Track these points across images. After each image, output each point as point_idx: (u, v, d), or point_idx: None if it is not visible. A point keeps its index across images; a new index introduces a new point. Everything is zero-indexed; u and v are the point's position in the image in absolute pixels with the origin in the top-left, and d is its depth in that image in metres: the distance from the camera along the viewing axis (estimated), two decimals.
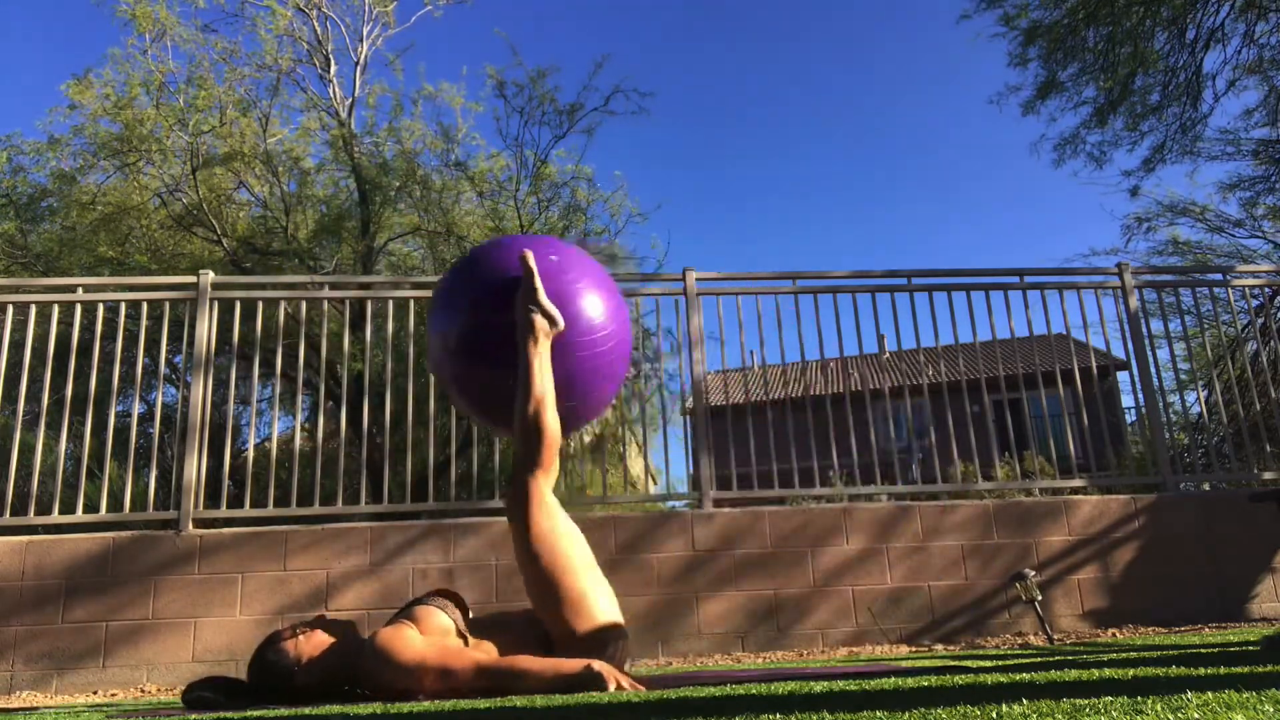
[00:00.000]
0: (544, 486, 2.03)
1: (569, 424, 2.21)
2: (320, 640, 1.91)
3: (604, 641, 1.87)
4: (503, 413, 2.14)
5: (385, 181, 11.59)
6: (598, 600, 1.93)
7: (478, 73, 13.30)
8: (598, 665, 1.68)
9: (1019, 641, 3.54)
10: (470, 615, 1.96)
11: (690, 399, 4.31)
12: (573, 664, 1.70)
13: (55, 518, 3.70)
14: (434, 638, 1.81)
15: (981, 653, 3.06)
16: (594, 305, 2.17)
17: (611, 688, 1.64)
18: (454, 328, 2.14)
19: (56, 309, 3.99)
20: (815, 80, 56.19)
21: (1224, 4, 8.86)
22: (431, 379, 4.15)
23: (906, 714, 1.00)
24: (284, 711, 1.62)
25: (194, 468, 3.73)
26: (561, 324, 2.08)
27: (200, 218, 10.94)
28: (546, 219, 11.66)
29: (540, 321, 2.06)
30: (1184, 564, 3.89)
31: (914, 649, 3.57)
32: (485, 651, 1.87)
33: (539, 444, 2.02)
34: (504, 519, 3.78)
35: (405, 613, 1.90)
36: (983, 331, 4.41)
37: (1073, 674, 1.42)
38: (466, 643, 1.86)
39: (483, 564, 3.62)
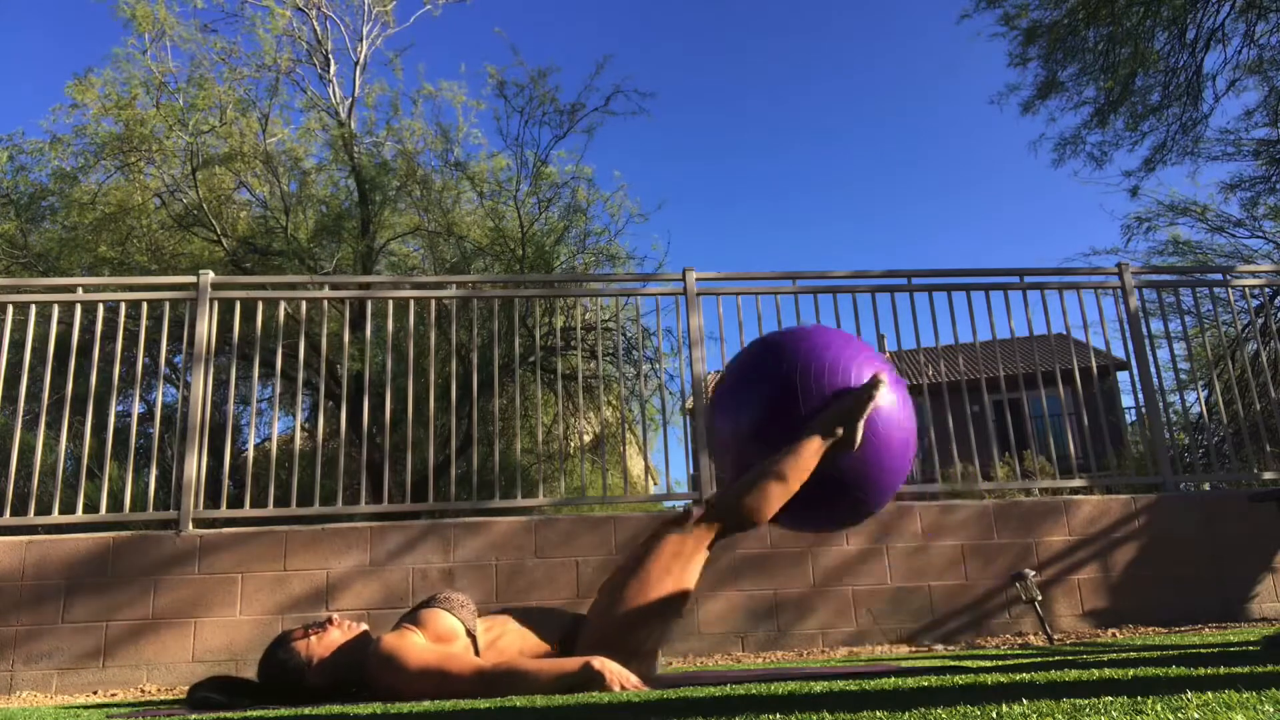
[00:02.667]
0: (704, 535, 1.96)
1: (849, 516, 2.15)
2: (331, 641, 1.91)
3: (634, 652, 1.84)
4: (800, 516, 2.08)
5: (385, 181, 11.60)
6: (654, 632, 1.92)
7: (478, 72, 13.34)
8: (597, 664, 1.67)
9: (1019, 641, 3.54)
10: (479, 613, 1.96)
11: (690, 399, 4.31)
12: (572, 663, 1.69)
13: (55, 518, 3.70)
14: (436, 644, 1.81)
15: (981, 653, 3.05)
16: (901, 449, 2.10)
17: (615, 688, 1.64)
18: (755, 411, 2.05)
19: (56, 309, 3.99)
20: (816, 80, 56.20)
21: (1224, 4, 8.86)
22: (431, 379, 4.15)
23: (906, 714, 1.00)
24: (285, 711, 1.62)
25: (194, 467, 3.73)
26: (856, 448, 1.99)
27: (200, 218, 10.94)
28: (547, 219, 11.66)
29: (843, 435, 1.97)
30: (1184, 564, 3.89)
31: (914, 649, 3.57)
32: (497, 649, 1.87)
33: (748, 504, 1.95)
34: (504, 519, 3.79)
35: (411, 616, 1.90)
36: (983, 331, 4.42)
37: (1073, 674, 1.42)
38: (476, 642, 1.86)
39: (483, 564, 3.62)
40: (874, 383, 2.02)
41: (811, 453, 1.95)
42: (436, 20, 14.85)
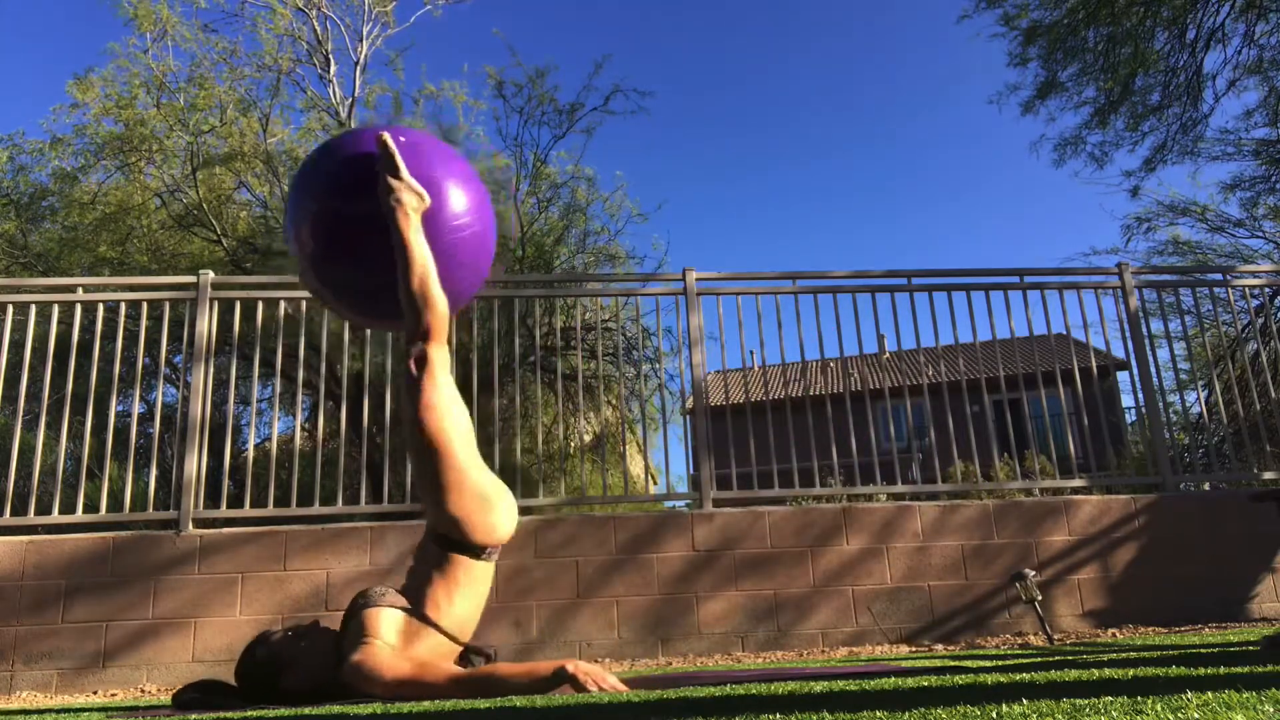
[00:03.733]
0: (435, 356, 2.03)
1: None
2: (310, 645, 1.90)
3: (484, 513, 1.97)
4: (380, 311, 2.12)
5: None
6: (478, 472, 2.02)
7: (478, 72, 13.29)
8: (571, 666, 1.67)
9: (1019, 641, 3.54)
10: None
11: (690, 399, 4.31)
12: (546, 666, 1.69)
13: (55, 518, 3.70)
14: (408, 656, 1.80)
15: (981, 653, 3.05)
16: (455, 194, 2.14)
17: (591, 688, 1.64)
18: (306, 224, 2.07)
19: (56, 309, 3.98)
20: (816, 81, 56.19)
21: (1224, 4, 8.86)
22: None
23: (906, 714, 1.00)
24: (284, 711, 1.62)
25: (194, 467, 3.73)
26: (429, 199, 2.05)
27: (200, 218, 10.94)
28: (546, 219, 11.66)
29: (408, 197, 2.01)
30: (1184, 564, 3.89)
31: (914, 649, 3.57)
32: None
33: (428, 314, 2.01)
34: None
35: (357, 623, 1.86)
36: (983, 331, 4.42)
37: (1073, 674, 1.42)
38: (416, 620, 1.90)
39: None
40: (380, 142, 2.04)
41: (411, 234, 2.00)
42: (437, 20, 14.86)
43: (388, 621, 1.86)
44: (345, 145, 2.15)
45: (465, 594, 1.97)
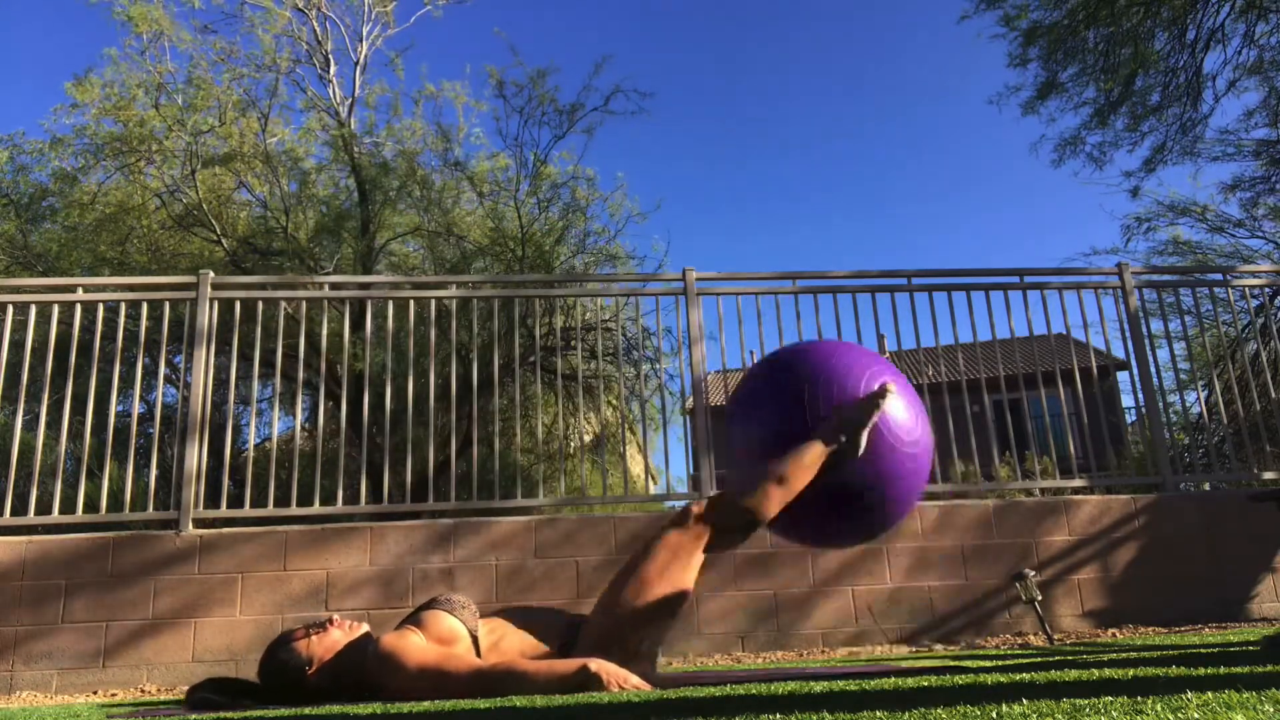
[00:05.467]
0: (712, 535, 1.95)
1: (862, 524, 2.10)
2: (332, 642, 1.91)
3: (632, 653, 1.83)
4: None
5: (385, 181, 11.60)
6: (657, 635, 1.92)
7: (478, 72, 13.31)
8: (595, 665, 1.67)
9: (1019, 641, 3.54)
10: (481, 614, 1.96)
11: (690, 399, 4.30)
12: (570, 664, 1.69)
13: (55, 517, 3.70)
14: (435, 645, 1.81)
15: (981, 653, 3.06)
16: (918, 419, 2.08)
17: (613, 689, 1.64)
18: (761, 427, 2.05)
19: (56, 309, 3.99)
20: (816, 81, 56.20)
21: (1224, 4, 8.86)
22: (432, 378, 4.15)
23: (906, 714, 1.00)
24: (285, 712, 1.62)
25: (194, 467, 3.73)
26: (858, 455, 1.96)
27: (200, 218, 10.94)
28: (546, 219, 11.66)
29: (846, 442, 1.94)
30: (1184, 564, 3.89)
31: (914, 649, 3.57)
32: (499, 650, 1.87)
33: (766, 502, 1.93)
34: (504, 519, 3.79)
35: (413, 618, 1.91)
36: (983, 331, 4.42)
37: (1073, 674, 1.42)
38: (478, 644, 1.86)
39: (483, 564, 3.62)
40: (881, 391, 2.00)
41: (813, 457, 1.93)
42: (437, 21, 14.87)
43: (437, 623, 1.85)
44: (849, 375, 2.05)
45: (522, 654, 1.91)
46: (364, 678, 1.83)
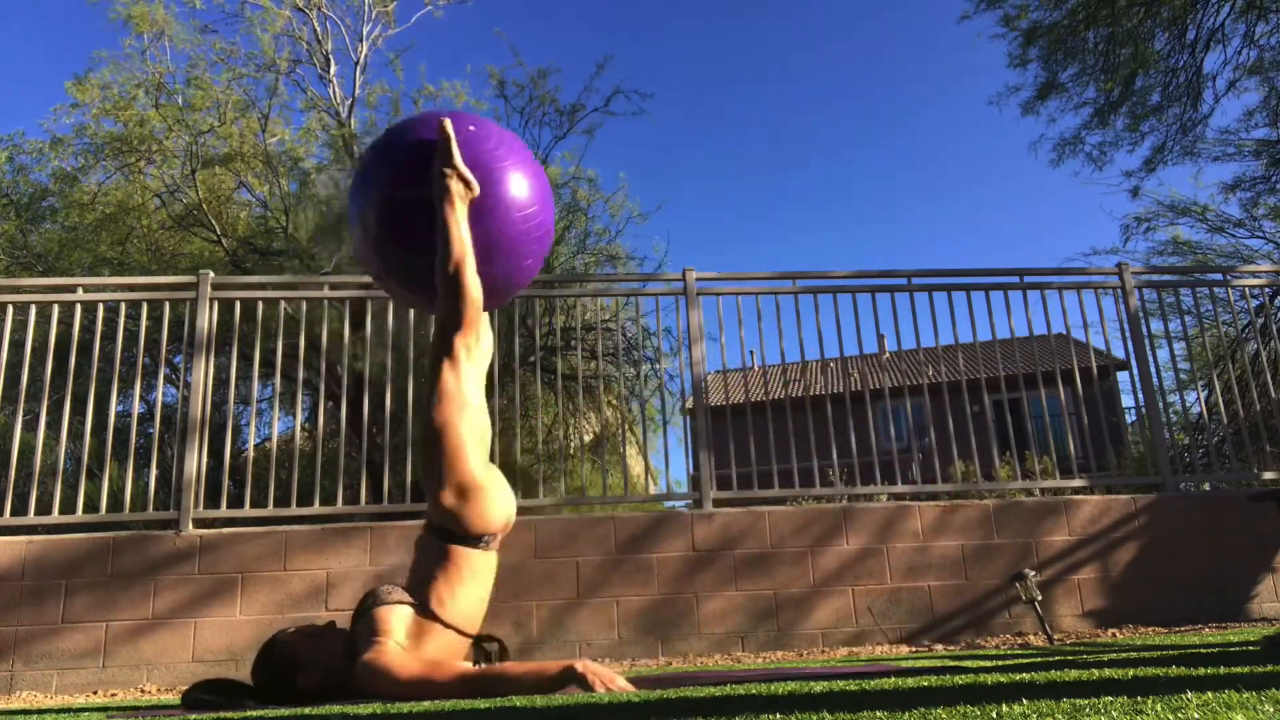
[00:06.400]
0: (461, 344, 2.05)
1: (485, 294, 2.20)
2: (324, 645, 1.91)
3: (478, 501, 1.98)
4: (432, 294, 2.14)
5: None
6: (475, 461, 2.01)
7: (479, 72, 13.31)
8: (580, 666, 1.67)
9: (1019, 641, 3.54)
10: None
11: (690, 399, 4.30)
12: (554, 666, 1.70)
13: (55, 517, 3.70)
14: (414, 654, 1.83)
15: (981, 653, 3.06)
16: (518, 181, 2.16)
17: (599, 688, 1.64)
18: (371, 207, 2.11)
19: (56, 309, 3.98)
20: (817, 82, 56.19)
21: (1224, 5, 8.86)
22: None
23: (906, 714, 1.00)
24: (284, 712, 1.62)
25: (194, 467, 3.73)
26: (477, 189, 2.07)
27: (200, 218, 10.94)
28: None
29: (456, 185, 2.05)
30: (1184, 564, 3.89)
31: (914, 649, 3.57)
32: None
33: (460, 302, 2.04)
34: None
35: (366, 620, 1.88)
36: (983, 331, 4.42)
37: (1073, 674, 1.42)
38: (423, 614, 1.92)
39: None
40: (439, 126, 2.08)
41: (454, 221, 2.02)
42: (438, 21, 14.84)
43: (397, 619, 1.87)
44: (412, 130, 2.18)
45: (468, 586, 1.98)
46: (351, 686, 1.82)
